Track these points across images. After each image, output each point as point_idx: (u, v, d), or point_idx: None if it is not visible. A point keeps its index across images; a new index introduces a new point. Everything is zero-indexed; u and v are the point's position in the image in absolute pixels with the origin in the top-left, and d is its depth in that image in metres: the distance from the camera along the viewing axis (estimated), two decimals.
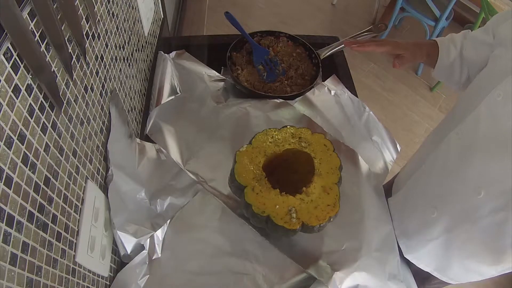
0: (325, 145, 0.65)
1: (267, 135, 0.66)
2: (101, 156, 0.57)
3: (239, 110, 0.84)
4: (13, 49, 0.33)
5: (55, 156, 0.42)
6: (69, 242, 0.44)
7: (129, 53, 0.72)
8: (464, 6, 2.57)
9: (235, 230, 0.66)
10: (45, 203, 0.39)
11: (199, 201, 0.69)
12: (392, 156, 0.84)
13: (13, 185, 0.33)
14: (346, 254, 0.64)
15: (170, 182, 0.71)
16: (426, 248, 0.68)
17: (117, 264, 0.60)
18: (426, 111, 2.21)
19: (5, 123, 0.32)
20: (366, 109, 0.90)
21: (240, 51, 0.95)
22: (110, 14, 0.60)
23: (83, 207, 0.48)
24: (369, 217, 0.70)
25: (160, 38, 0.98)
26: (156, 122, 0.78)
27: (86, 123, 0.51)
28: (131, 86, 0.74)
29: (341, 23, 2.65)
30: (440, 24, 2.14)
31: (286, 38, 0.97)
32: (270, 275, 0.62)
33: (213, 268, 0.62)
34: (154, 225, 0.63)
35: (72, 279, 0.44)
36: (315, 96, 0.88)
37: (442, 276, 0.72)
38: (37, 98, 0.38)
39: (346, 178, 0.64)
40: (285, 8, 2.64)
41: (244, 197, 0.58)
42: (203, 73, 0.91)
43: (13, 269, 0.33)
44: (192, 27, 1.69)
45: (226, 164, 0.67)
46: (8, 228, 0.32)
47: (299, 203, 0.58)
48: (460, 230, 0.61)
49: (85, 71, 0.50)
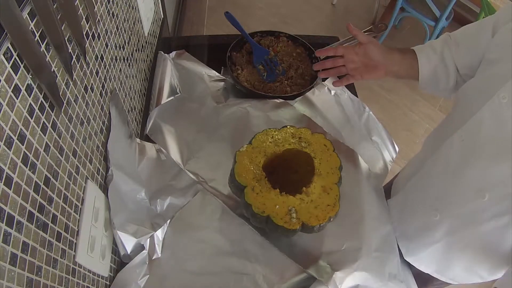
0: (325, 145, 0.65)
1: (267, 135, 0.66)
2: (101, 156, 0.57)
3: (239, 110, 0.83)
4: (13, 49, 0.33)
5: (55, 156, 0.41)
6: (69, 242, 0.44)
7: (129, 53, 0.72)
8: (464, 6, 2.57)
9: (235, 230, 0.66)
10: (45, 203, 0.39)
11: (199, 201, 0.69)
12: (391, 156, 0.84)
13: (13, 185, 0.33)
14: (346, 254, 0.64)
15: (170, 182, 0.71)
16: (426, 251, 0.68)
17: (117, 264, 0.60)
18: (426, 111, 2.21)
19: (5, 123, 0.32)
20: (366, 109, 0.90)
21: (240, 51, 0.95)
22: (110, 14, 0.60)
23: (83, 207, 0.48)
24: (369, 217, 0.70)
25: (160, 38, 0.98)
26: (156, 122, 0.78)
27: (86, 123, 0.51)
28: (131, 86, 0.74)
29: (341, 23, 2.64)
30: (440, 24, 2.14)
31: (286, 38, 0.97)
32: (270, 275, 0.62)
33: (213, 268, 0.62)
34: (154, 225, 0.63)
35: (72, 279, 0.44)
36: (315, 96, 0.88)
37: (442, 277, 0.72)
38: (37, 98, 0.38)
39: (346, 178, 0.64)
40: (285, 8, 2.64)
41: (244, 197, 0.58)
42: (203, 73, 0.91)
43: (13, 269, 0.33)
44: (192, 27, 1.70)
45: (226, 164, 0.67)
46: (8, 228, 0.32)
47: (299, 203, 0.58)
48: (462, 233, 0.61)
49: (85, 71, 0.50)
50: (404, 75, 0.74)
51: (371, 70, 0.74)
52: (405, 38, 2.59)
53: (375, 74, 0.75)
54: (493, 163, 0.53)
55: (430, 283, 0.76)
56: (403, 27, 2.67)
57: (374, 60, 0.73)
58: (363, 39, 0.75)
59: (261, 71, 0.90)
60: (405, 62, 0.72)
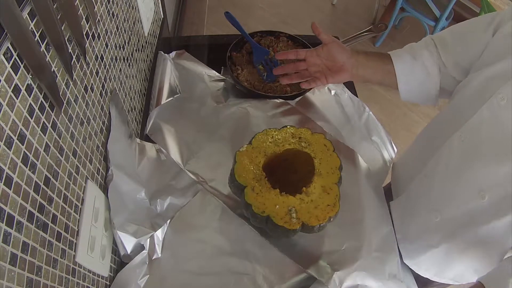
0: (325, 145, 0.65)
1: (267, 135, 0.66)
2: (101, 156, 0.57)
3: (239, 110, 0.83)
4: (13, 49, 0.33)
5: (55, 156, 0.41)
6: (69, 242, 0.44)
7: (129, 53, 0.72)
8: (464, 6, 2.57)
9: (235, 230, 0.66)
10: (45, 203, 0.39)
11: (199, 201, 0.69)
12: (390, 156, 0.84)
13: (13, 185, 0.33)
14: (346, 254, 0.64)
15: (170, 182, 0.71)
16: (426, 253, 0.68)
17: (117, 264, 0.60)
18: (426, 111, 2.21)
19: (5, 123, 0.32)
20: (366, 109, 0.90)
21: (240, 51, 0.95)
22: (110, 14, 0.60)
23: (83, 207, 0.48)
24: (369, 217, 0.70)
25: (160, 38, 0.98)
26: (156, 122, 0.78)
27: (86, 123, 0.51)
28: (131, 86, 0.74)
29: (341, 23, 2.65)
30: (440, 24, 2.14)
31: (286, 38, 0.97)
32: (270, 275, 0.62)
33: (213, 268, 0.62)
34: (154, 225, 0.63)
35: (72, 279, 0.44)
36: (315, 96, 0.88)
37: (442, 279, 0.71)
38: (37, 98, 0.38)
39: (346, 178, 0.64)
40: (285, 8, 2.64)
41: (244, 197, 0.58)
42: (203, 73, 0.91)
43: (13, 269, 0.33)
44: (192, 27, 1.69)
45: (226, 164, 0.67)
46: (8, 228, 0.32)
47: (299, 203, 0.58)
48: (463, 234, 0.61)
49: (85, 71, 0.50)
50: (377, 80, 0.71)
51: (335, 72, 0.72)
52: (405, 38, 2.59)
53: (340, 76, 0.72)
54: (492, 164, 0.53)
55: (430, 284, 0.76)
56: (403, 27, 2.67)
57: (338, 61, 0.70)
58: (326, 38, 0.72)
59: (261, 71, 0.90)
60: (370, 66, 0.70)
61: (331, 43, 0.71)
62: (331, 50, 0.71)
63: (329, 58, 0.71)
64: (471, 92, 0.60)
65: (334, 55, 0.71)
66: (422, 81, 0.68)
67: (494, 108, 0.52)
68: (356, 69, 0.71)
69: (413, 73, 0.68)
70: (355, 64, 0.71)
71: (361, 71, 0.71)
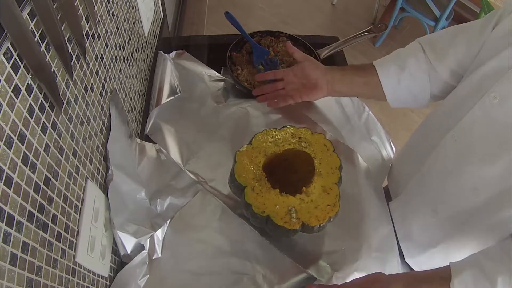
0: (325, 145, 0.65)
1: (267, 135, 0.66)
2: (101, 156, 0.57)
3: (239, 110, 0.84)
4: (13, 49, 0.33)
5: (55, 156, 0.41)
6: (69, 242, 0.44)
7: (129, 53, 0.72)
8: (464, 6, 2.57)
9: (235, 230, 0.66)
10: (45, 203, 0.39)
11: (199, 201, 0.69)
12: (389, 156, 0.84)
13: (13, 185, 0.33)
14: (346, 254, 0.64)
15: (170, 182, 0.71)
16: (427, 252, 0.68)
17: (117, 264, 0.60)
18: (426, 111, 2.20)
19: (5, 123, 0.32)
20: (366, 109, 0.90)
21: (240, 51, 0.95)
22: (110, 14, 0.60)
23: (83, 207, 0.48)
24: (369, 217, 0.70)
25: (160, 38, 0.98)
26: (156, 122, 0.78)
27: (86, 123, 0.51)
28: (131, 86, 0.74)
29: (341, 23, 2.65)
30: (440, 24, 2.14)
31: (286, 38, 0.97)
32: (270, 275, 0.62)
33: (213, 268, 0.62)
34: (154, 225, 0.63)
35: (72, 279, 0.44)
36: None
37: None
38: (37, 98, 0.38)
39: (346, 178, 0.64)
40: (285, 8, 2.64)
41: (244, 197, 0.58)
42: (203, 73, 0.91)
43: (13, 269, 0.33)
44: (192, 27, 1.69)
45: (226, 164, 0.67)
46: (8, 228, 0.32)
47: (299, 203, 0.58)
48: (460, 232, 0.61)
49: (85, 71, 0.50)
50: (356, 94, 0.71)
51: (309, 89, 0.72)
52: (405, 38, 2.59)
53: (315, 93, 0.73)
54: (486, 162, 0.53)
55: None
56: (403, 27, 2.67)
57: (311, 78, 0.71)
58: (299, 57, 0.73)
59: (261, 71, 0.90)
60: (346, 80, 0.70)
61: (304, 61, 0.72)
62: (304, 68, 0.72)
63: (303, 76, 0.72)
64: (464, 90, 0.59)
65: (308, 73, 0.72)
66: (410, 91, 0.69)
67: (486, 107, 0.52)
68: (332, 85, 0.71)
69: (400, 84, 0.68)
70: (330, 81, 0.71)
71: (337, 86, 0.72)
